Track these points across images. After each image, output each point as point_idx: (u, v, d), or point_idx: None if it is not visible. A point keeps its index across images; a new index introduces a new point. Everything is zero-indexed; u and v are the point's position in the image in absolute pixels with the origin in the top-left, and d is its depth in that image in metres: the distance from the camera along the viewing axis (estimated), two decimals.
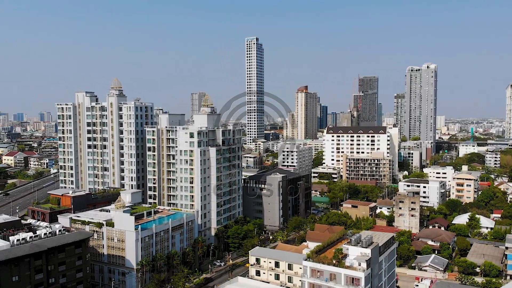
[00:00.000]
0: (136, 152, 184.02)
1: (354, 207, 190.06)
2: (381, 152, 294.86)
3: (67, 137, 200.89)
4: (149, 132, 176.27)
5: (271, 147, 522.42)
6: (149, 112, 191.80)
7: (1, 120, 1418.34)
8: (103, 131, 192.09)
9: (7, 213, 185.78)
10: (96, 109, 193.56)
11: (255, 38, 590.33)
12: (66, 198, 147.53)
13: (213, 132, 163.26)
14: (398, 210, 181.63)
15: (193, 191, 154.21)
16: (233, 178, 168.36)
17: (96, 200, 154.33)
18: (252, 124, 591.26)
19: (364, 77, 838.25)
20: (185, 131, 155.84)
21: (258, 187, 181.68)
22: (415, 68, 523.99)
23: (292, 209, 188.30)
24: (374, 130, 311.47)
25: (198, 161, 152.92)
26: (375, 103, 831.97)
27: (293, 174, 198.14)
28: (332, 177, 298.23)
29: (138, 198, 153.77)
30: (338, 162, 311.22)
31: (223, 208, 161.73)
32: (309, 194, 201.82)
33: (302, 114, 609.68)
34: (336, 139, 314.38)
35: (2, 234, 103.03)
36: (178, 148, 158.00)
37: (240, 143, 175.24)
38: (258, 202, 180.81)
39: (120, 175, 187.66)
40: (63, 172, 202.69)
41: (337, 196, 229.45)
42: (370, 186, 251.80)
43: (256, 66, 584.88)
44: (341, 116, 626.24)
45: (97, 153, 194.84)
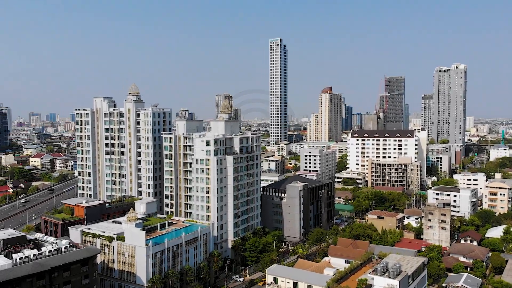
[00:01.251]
0: (154, 159, 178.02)
1: (380, 218, 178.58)
2: (408, 157, 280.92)
3: (85, 143, 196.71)
4: (166, 139, 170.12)
5: (294, 149, 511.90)
6: (167, 118, 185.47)
7: (34, 121, 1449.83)
8: (121, 137, 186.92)
9: (24, 221, 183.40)
10: (114, 115, 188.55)
11: (279, 39, 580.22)
12: (79, 208, 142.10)
13: (230, 139, 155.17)
14: (427, 222, 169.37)
15: (209, 202, 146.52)
16: (251, 187, 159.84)
17: (110, 210, 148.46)
18: (275, 126, 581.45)
19: (391, 77, 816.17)
20: (201, 139, 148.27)
21: (277, 196, 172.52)
22: (444, 69, 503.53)
23: (314, 219, 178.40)
24: (401, 134, 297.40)
25: (215, 170, 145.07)
26: (402, 104, 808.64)
27: (314, 182, 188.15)
28: (357, 183, 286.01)
29: (153, 208, 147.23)
30: (363, 167, 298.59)
31: (241, 219, 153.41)
32: (332, 203, 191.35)
33: (326, 116, 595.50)
34: (361, 143, 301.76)
35: (6, 251, 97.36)
36: (194, 156, 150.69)
37: (258, 150, 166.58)
38: (277, 212, 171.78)
39: (138, 183, 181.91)
40: (81, 179, 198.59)
41: (361, 204, 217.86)
42: (396, 194, 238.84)
43: (280, 67, 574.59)
44: (366, 118, 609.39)
45: (114, 159, 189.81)
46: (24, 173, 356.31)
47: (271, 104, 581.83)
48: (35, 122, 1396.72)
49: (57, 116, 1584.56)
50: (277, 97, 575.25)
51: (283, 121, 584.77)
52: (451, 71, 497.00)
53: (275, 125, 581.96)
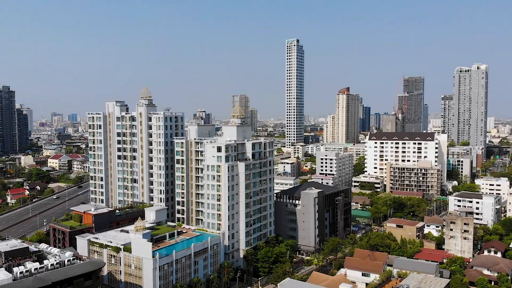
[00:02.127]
0: (165, 164, 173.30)
1: (399, 227, 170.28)
2: (428, 161, 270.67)
3: (97, 147, 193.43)
4: (177, 144, 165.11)
5: (311, 151, 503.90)
6: (179, 122, 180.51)
7: (56, 121, 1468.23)
8: (133, 141, 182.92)
9: (36, 226, 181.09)
10: (126, 119, 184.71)
11: (296, 40, 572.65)
12: (87, 216, 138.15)
13: (242, 145, 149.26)
14: (449, 232, 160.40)
15: (220, 209, 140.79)
16: (264, 194, 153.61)
17: (120, 218, 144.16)
18: (291, 126, 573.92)
19: (409, 77, 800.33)
20: (212, 145, 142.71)
21: (291, 202, 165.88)
22: (464, 69, 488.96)
23: (330, 228, 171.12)
24: (421, 137, 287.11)
25: (226, 177, 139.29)
26: (421, 104, 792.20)
27: (330, 188, 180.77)
28: (375, 187, 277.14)
29: (163, 216, 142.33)
30: (381, 171, 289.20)
31: (253, 227, 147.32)
32: (348, 210, 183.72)
33: (343, 117, 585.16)
34: (379, 146, 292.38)
35: (7, 264, 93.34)
36: (205, 162, 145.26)
37: (272, 156, 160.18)
38: (291, 220, 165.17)
39: (149, 188, 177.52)
40: (94, 183, 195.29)
41: (380, 210, 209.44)
42: (416, 199, 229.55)
43: (296, 68, 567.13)
44: (385, 119, 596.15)
45: (126, 164, 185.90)
46: (41, 174, 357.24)
47: (287, 105, 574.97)
48: (57, 122, 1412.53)
49: (78, 116, 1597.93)
50: (293, 98, 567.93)
51: (299, 122, 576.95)
52: (472, 71, 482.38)
53: (291, 126, 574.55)
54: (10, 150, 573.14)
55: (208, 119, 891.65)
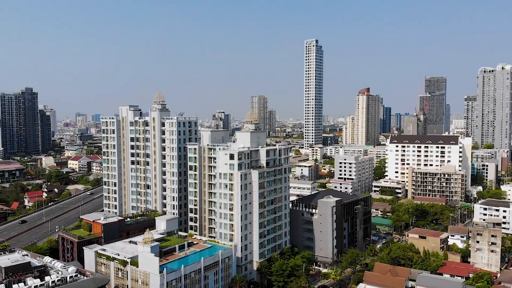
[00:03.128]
0: (178, 170, 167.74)
1: (422, 238, 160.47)
2: (452, 166, 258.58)
3: (110, 152, 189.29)
4: (190, 149, 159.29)
5: (329, 153, 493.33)
6: (193, 127, 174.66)
7: (80, 121, 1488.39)
8: (146, 147, 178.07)
9: (47, 233, 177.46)
10: (140, 124, 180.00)
11: (315, 40, 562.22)
12: (97, 225, 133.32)
13: (256, 152, 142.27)
14: (475, 244, 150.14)
15: (233, 219, 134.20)
16: (279, 203, 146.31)
17: (130, 227, 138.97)
18: (310, 128, 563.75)
19: (431, 77, 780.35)
20: (225, 152, 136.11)
21: (308, 211, 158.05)
22: (489, 69, 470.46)
23: (348, 238, 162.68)
24: (444, 140, 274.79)
25: (238, 186, 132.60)
26: (443, 105, 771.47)
27: (349, 197, 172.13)
28: (396, 192, 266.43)
29: (174, 225, 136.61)
30: (402, 175, 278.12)
31: (267, 238, 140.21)
32: (368, 219, 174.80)
33: (363, 118, 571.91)
34: (400, 149, 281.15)
35: (7, 281, 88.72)
36: (217, 170, 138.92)
37: (287, 163, 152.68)
38: (308, 229, 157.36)
39: (162, 194, 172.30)
40: (107, 189, 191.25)
41: (401, 219, 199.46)
42: (439, 206, 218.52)
43: (315, 69, 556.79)
44: (406, 120, 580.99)
45: (140, 169, 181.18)
46: (61, 176, 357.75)
47: (305, 106, 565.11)
48: (80, 123, 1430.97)
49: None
50: (311, 99, 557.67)
51: (317, 123, 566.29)
52: (496, 71, 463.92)
53: (309, 127, 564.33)
54: (33, 151, 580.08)
55: (227, 120, 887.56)
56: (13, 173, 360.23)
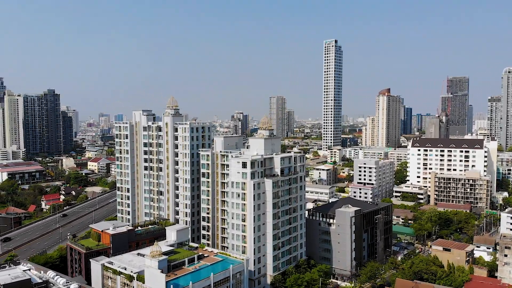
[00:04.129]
0: (191, 177, 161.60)
1: (446, 250, 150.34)
2: (477, 171, 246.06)
3: (124, 158, 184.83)
4: (203, 156, 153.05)
5: (348, 155, 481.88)
6: (206, 132, 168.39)
7: (103, 121, 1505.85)
8: (159, 152, 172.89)
9: (62, 238, 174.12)
10: (153, 129, 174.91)
11: (334, 41, 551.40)
12: (105, 235, 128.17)
13: (270, 159, 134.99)
14: (503, 258, 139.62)
15: (245, 231, 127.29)
16: (294, 214, 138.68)
17: (140, 237, 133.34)
18: (329, 129, 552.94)
19: (453, 77, 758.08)
20: (237, 160, 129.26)
21: (325, 221, 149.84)
22: None
23: (368, 249, 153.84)
24: (468, 144, 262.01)
25: (251, 195, 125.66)
26: (466, 106, 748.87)
27: (369, 206, 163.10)
28: (418, 198, 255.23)
29: (185, 236, 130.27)
30: (425, 180, 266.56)
31: (281, 250, 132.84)
32: (389, 229, 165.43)
33: (383, 119, 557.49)
34: (423, 153, 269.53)
35: None
36: (230, 179, 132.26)
37: (303, 171, 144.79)
38: (325, 240, 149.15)
39: (175, 201, 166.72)
40: (120, 194, 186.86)
41: (424, 227, 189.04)
42: (463, 214, 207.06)
43: (334, 69, 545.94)
44: (428, 122, 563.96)
45: (153, 175, 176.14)
46: (79, 178, 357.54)
47: (324, 107, 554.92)
48: (103, 123, 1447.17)
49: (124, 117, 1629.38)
50: (330, 100, 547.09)
51: (336, 124, 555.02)
52: None
53: (328, 128, 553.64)
54: (55, 152, 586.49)
55: (245, 121, 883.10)
56: (33, 174, 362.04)
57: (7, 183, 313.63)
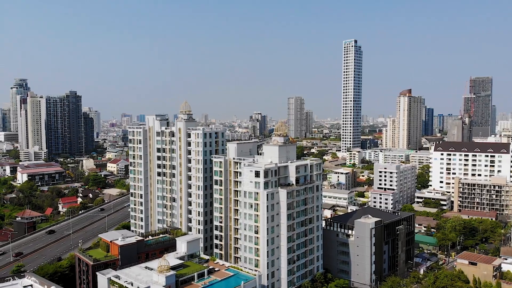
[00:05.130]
0: (204, 184, 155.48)
1: (472, 264, 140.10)
2: (503, 177, 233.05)
3: (137, 163, 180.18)
4: (216, 163, 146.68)
5: (368, 157, 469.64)
6: (220, 138, 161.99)
7: (125, 122, 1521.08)
8: (172, 158, 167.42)
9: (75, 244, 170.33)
10: (166, 134, 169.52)
11: (353, 41, 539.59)
12: (114, 246, 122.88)
13: (285, 168, 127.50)
14: None
15: (258, 243, 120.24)
16: (311, 225, 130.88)
17: (150, 248, 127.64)
18: (348, 130, 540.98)
19: (476, 77, 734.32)
20: (250, 169, 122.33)
21: (343, 232, 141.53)
22: None
23: (388, 261, 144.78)
24: (494, 148, 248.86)
25: (265, 206, 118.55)
26: (489, 106, 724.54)
27: (390, 216, 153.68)
28: (441, 204, 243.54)
29: (196, 247, 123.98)
30: (448, 186, 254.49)
31: (297, 264, 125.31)
32: (411, 240, 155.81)
33: (404, 120, 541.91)
34: (446, 157, 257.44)
35: None
36: (242, 188, 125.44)
37: (320, 179, 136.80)
38: (343, 252, 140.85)
39: (188, 209, 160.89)
40: (134, 200, 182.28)
41: (447, 237, 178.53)
42: (489, 223, 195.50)
43: (354, 69, 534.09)
44: (450, 124, 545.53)
45: (166, 181, 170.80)
46: (98, 180, 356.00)
47: (343, 108, 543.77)
48: (126, 123, 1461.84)
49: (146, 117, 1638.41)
50: (349, 101, 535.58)
51: (355, 125, 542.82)
52: None
53: (347, 129, 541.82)
54: (76, 152, 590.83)
55: (263, 121, 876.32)
56: (53, 176, 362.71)
57: (27, 184, 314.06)
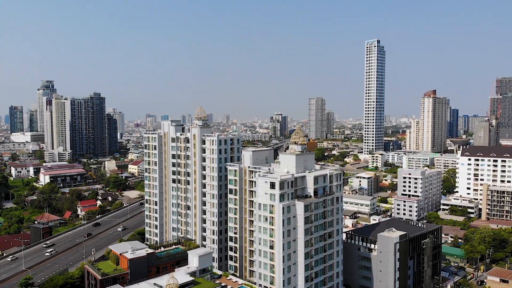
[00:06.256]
0: (219, 192, 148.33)
1: (503, 282, 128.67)
2: None
3: (152, 169, 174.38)
4: (230, 171, 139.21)
5: (391, 160, 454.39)
6: (235, 145, 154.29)
7: (149, 122, 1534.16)
8: (187, 165, 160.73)
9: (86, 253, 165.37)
10: (181, 140, 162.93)
11: (376, 41, 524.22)
12: (123, 260, 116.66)
13: (302, 178, 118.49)
14: None
15: (273, 259, 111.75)
16: (330, 239, 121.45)
17: (160, 261, 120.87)
18: (370, 131, 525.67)
19: (503, 78, 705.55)
20: (265, 180, 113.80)
21: (365, 246, 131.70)
22: None
23: (414, 278, 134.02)
24: None
25: (280, 220, 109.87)
26: None
27: (415, 228, 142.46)
28: (468, 212, 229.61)
29: (208, 262, 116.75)
30: (475, 192, 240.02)
31: (315, 282, 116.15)
32: (438, 254, 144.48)
33: (429, 122, 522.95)
34: (473, 163, 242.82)
35: None
36: (256, 200, 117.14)
37: (340, 190, 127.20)
38: (365, 267, 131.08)
39: (202, 218, 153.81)
40: (149, 207, 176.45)
41: (476, 250, 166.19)
42: None
43: (376, 70, 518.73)
44: (476, 126, 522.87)
45: (181, 189, 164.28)
46: (118, 182, 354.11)
47: (365, 109, 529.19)
48: (150, 123, 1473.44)
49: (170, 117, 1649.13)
50: (372, 101, 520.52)
51: (378, 126, 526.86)
52: None
53: (370, 131, 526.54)
54: (100, 153, 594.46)
55: (284, 122, 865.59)
56: (75, 177, 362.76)
57: (48, 186, 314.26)
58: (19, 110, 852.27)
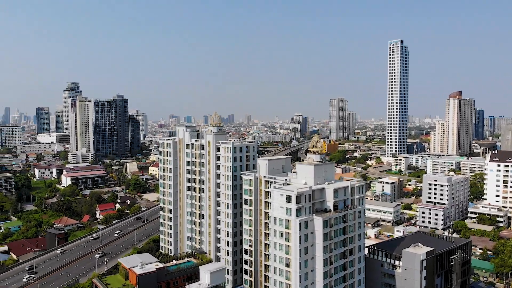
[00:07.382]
0: (234, 202, 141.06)
1: None
2: None
3: (167, 176, 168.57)
4: (245, 180, 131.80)
5: (415, 163, 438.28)
6: (251, 152, 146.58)
7: (173, 123, 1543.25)
8: (202, 172, 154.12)
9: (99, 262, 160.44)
10: (195, 147, 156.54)
11: (400, 41, 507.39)
12: (132, 274, 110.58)
13: (321, 191, 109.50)
14: None
15: (290, 278, 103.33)
16: (351, 257, 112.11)
17: (171, 276, 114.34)
18: (393, 133, 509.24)
19: None
20: (280, 192, 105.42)
21: (389, 263, 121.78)
22: None
23: None
24: None
25: (297, 236, 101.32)
26: None
27: (443, 244, 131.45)
28: (497, 221, 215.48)
29: (220, 278, 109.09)
30: (504, 200, 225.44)
31: None
32: (467, 270, 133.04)
33: (454, 124, 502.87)
34: (503, 169, 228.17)
35: None
36: (272, 213, 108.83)
37: (362, 204, 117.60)
38: (388, 285, 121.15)
39: (216, 228, 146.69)
40: (163, 215, 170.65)
41: (506, 263, 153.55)
42: None
43: (400, 70, 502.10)
44: (503, 128, 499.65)
45: (195, 197, 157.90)
46: (138, 184, 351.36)
47: (388, 111, 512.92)
48: (173, 124, 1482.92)
49: (192, 118, 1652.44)
50: (395, 103, 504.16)
51: (401, 128, 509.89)
52: None
53: (393, 133, 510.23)
54: (123, 154, 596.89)
55: (305, 123, 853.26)
56: (95, 179, 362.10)
57: (69, 188, 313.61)
58: (45, 111, 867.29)
